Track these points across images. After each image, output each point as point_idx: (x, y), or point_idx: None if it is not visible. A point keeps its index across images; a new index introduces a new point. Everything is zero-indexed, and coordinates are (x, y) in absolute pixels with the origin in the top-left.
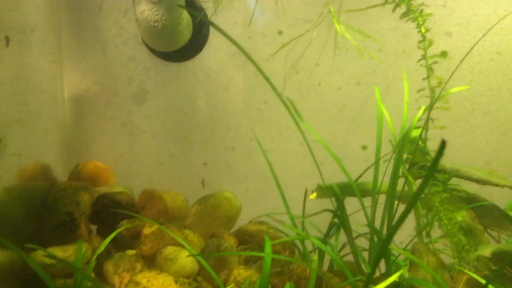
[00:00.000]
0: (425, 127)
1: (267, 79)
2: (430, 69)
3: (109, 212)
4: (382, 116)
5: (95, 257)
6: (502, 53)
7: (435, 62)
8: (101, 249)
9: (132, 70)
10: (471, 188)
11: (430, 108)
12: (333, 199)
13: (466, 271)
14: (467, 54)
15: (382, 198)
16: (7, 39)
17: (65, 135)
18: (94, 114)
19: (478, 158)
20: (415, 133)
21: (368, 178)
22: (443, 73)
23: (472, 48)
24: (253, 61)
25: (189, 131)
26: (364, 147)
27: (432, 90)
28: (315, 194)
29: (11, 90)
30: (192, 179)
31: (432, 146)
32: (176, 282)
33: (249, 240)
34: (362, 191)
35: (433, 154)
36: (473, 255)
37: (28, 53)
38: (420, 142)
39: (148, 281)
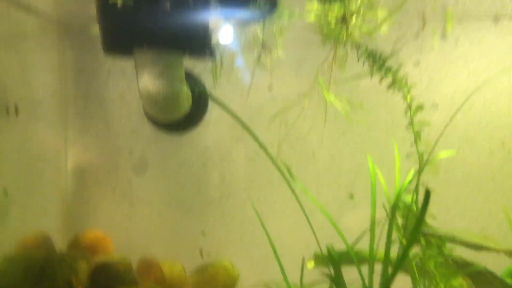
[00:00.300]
0: (416, 191)
1: (264, 149)
2: (417, 135)
3: (107, 281)
4: (375, 183)
5: None
6: (486, 124)
7: (424, 125)
8: None
9: (134, 142)
10: (467, 254)
11: (419, 172)
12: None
13: None
14: (448, 123)
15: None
16: (16, 107)
17: (67, 204)
18: (96, 184)
19: (473, 224)
20: (408, 198)
21: (365, 244)
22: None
23: (452, 117)
24: (250, 132)
25: (187, 201)
26: (351, 195)
27: (420, 155)
28: (312, 262)
29: (16, 159)
30: (191, 248)
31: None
32: None
33: None
34: (359, 259)
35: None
36: None
37: (35, 125)
38: (413, 207)
39: None
